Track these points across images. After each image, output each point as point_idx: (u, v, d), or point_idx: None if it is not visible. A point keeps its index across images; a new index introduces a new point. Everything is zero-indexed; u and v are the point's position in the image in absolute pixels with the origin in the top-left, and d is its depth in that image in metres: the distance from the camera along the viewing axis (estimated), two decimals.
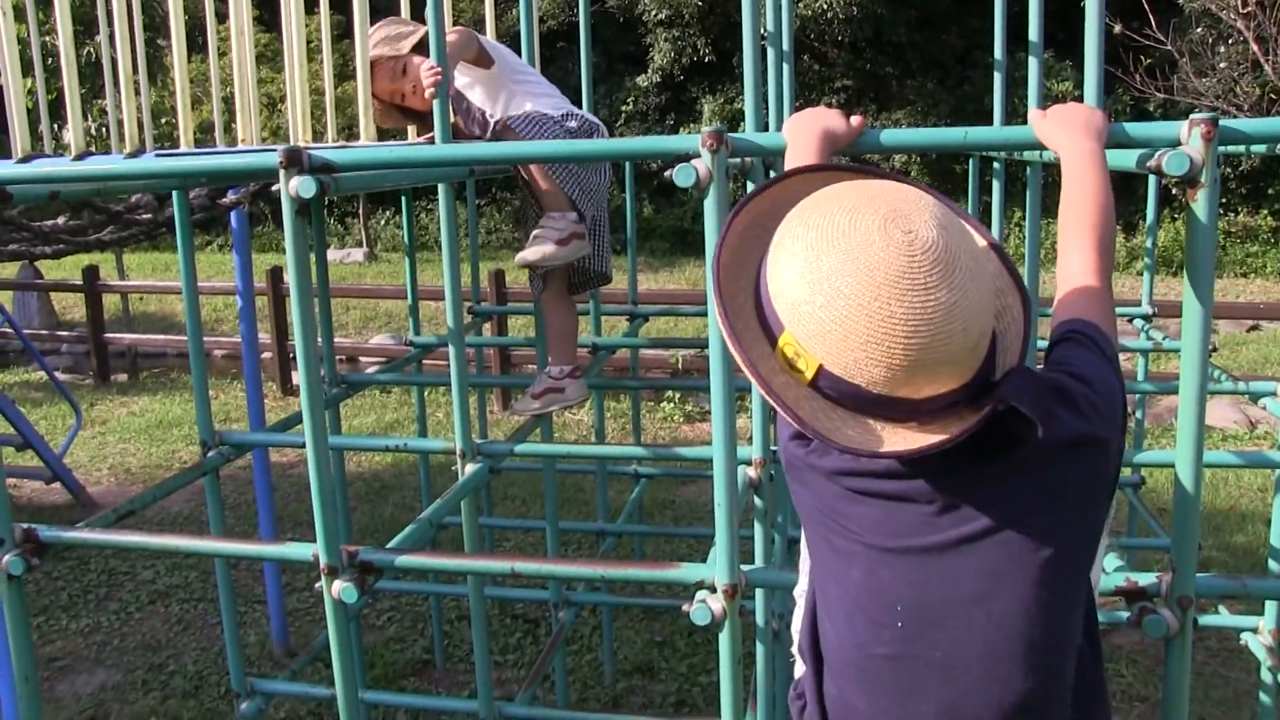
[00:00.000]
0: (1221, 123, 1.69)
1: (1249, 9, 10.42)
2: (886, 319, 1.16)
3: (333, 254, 18.94)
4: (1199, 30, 12.69)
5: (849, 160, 1.77)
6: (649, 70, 19.89)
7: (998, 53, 3.90)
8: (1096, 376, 1.37)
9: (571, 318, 3.41)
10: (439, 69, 2.51)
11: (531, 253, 2.99)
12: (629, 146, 1.98)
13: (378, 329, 12.52)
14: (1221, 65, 12.42)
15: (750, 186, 2.29)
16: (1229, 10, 10.82)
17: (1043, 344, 1.53)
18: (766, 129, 2.58)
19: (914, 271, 1.16)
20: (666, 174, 1.83)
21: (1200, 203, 1.70)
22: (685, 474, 5.89)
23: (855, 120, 1.76)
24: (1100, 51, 2.48)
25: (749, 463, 2.59)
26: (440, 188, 2.66)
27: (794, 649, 1.82)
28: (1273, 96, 10.78)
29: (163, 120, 10.09)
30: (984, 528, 1.29)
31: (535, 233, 3.03)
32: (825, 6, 18.10)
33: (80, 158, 2.86)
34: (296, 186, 1.94)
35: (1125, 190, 17.60)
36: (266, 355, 9.77)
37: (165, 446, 8.17)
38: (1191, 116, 1.71)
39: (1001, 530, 1.29)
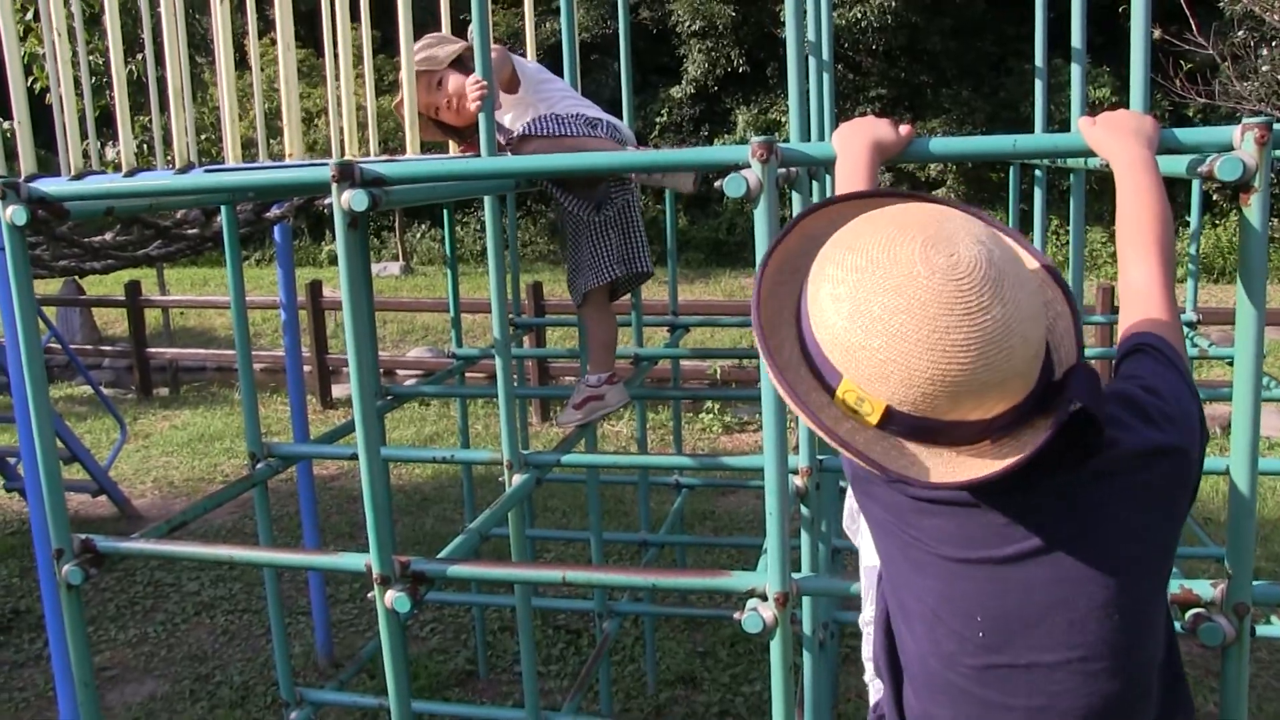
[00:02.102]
0: (1276, 126, 1.68)
1: None
2: (949, 349, 1.14)
3: (371, 267, 19.07)
4: (1241, 33, 12.57)
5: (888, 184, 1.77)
6: (683, 81, 19.95)
7: (1038, 59, 3.89)
8: (1166, 386, 1.36)
9: (611, 327, 3.43)
10: (484, 83, 2.53)
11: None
12: (678, 158, 1.99)
13: (415, 342, 12.59)
14: (1265, 68, 12.28)
15: (795, 197, 2.30)
16: (1273, 12, 10.71)
17: (1091, 351, 1.52)
18: (809, 138, 2.58)
19: (965, 294, 1.15)
20: (716, 184, 1.84)
21: (1253, 208, 1.68)
22: (726, 484, 5.89)
23: (904, 129, 1.77)
24: (1147, 58, 2.48)
25: (795, 472, 2.60)
26: (486, 201, 2.68)
27: (867, 676, 1.81)
28: None
29: (202, 136, 10.22)
30: (1057, 538, 1.28)
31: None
32: (860, 15, 18.09)
33: (131, 174, 2.91)
34: (349, 200, 1.96)
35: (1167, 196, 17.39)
36: (306, 369, 9.86)
37: (207, 460, 8.26)
38: (1244, 121, 1.69)
39: (1075, 539, 1.28)
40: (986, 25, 19.24)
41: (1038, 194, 3.98)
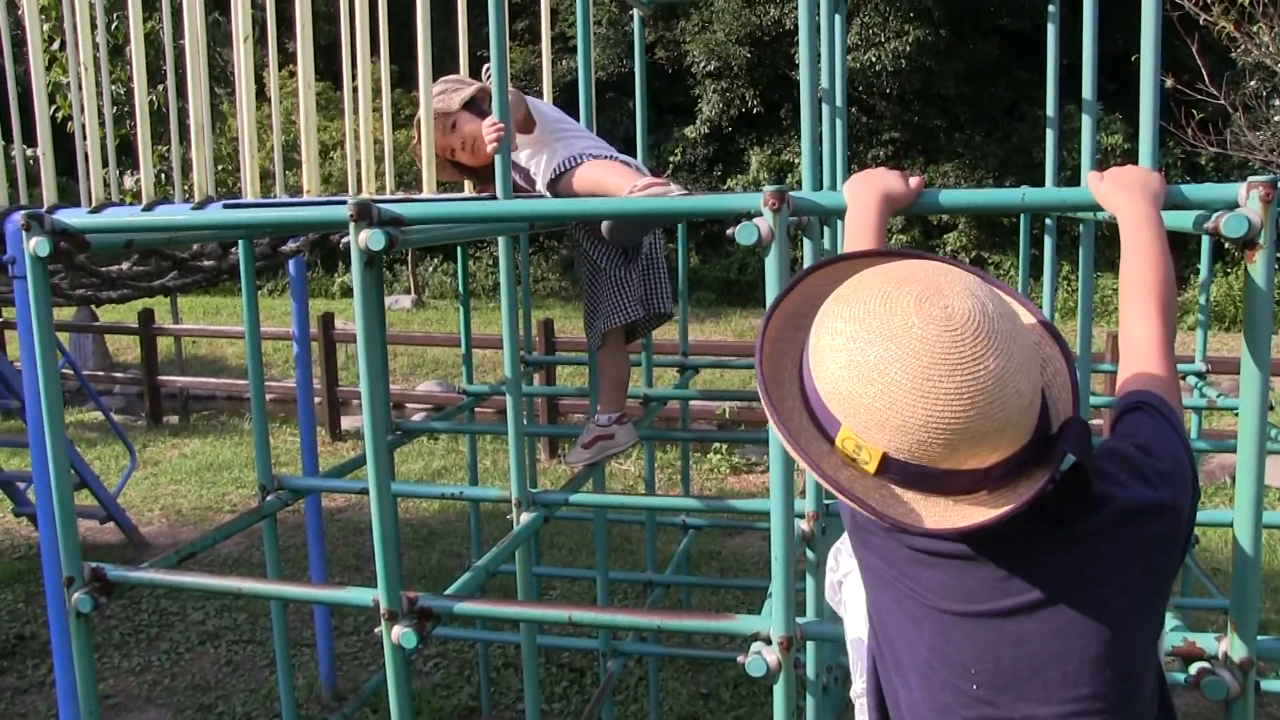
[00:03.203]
0: None
1: None
2: (941, 396, 1.18)
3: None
4: (1253, 84, 12.62)
5: (899, 245, 1.80)
6: (697, 121, 20.07)
7: (1049, 108, 3.92)
8: (1160, 445, 1.39)
9: (625, 367, 3.45)
10: (501, 125, 2.57)
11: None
12: (692, 205, 2.01)
13: (425, 375, 12.62)
14: (1276, 119, 12.32)
15: (807, 244, 2.32)
16: None
17: (1098, 400, 1.54)
18: (820, 185, 2.61)
19: (959, 345, 1.18)
20: (729, 231, 1.87)
21: (1258, 264, 1.70)
22: (732, 525, 5.89)
23: (914, 181, 1.80)
24: (1156, 111, 2.50)
25: (802, 516, 2.61)
26: (500, 241, 2.71)
27: (854, 694, 1.82)
28: None
29: (219, 167, 10.31)
30: (1053, 592, 1.30)
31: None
32: (874, 59, 18.22)
33: (150, 206, 2.95)
34: (366, 239, 1.99)
35: (1178, 245, 17.39)
36: (316, 400, 9.88)
37: (216, 489, 8.28)
38: (1250, 179, 1.72)
39: (1070, 593, 1.30)
40: (999, 71, 19.35)
41: (1048, 241, 4.01)
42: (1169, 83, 11.00)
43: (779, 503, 1.94)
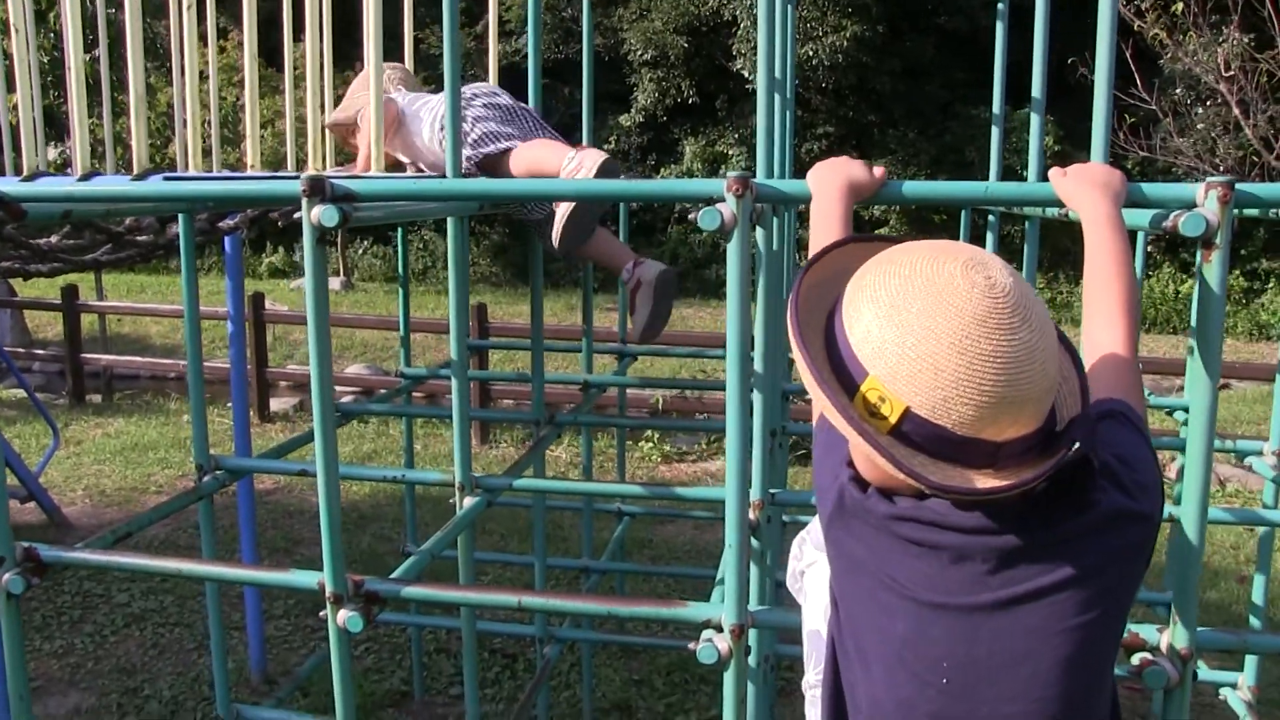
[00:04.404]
0: (1238, 186, 1.73)
1: (1231, 73, 10.63)
2: (977, 356, 1.20)
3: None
4: (1179, 90, 12.90)
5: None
6: (632, 110, 20.03)
7: (996, 106, 3.95)
8: (1137, 455, 1.41)
9: (601, 241, 3.48)
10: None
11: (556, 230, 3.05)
12: (654, 189, 1.99)
13: (354, 358, 12.48)
14: (1200, 126, 12.62)
15: (760, 233, 2.32)
16: (1211, 73, 11.02)
17: None
18: (773, 174, 2.58)
19: (998, 313, 1.22)
20: (691, 216, 1.86)
21: (1214, 264, 1.74)
22: (665, 513, 5.89)
23: (878, 171, 1.80)
24: (1109, 113, 2.51)
25: (748, 505, 2.61)
26: (450, 222, 2.68)
27: (807, 685, 1.83)
28: (1254, 159, 10.97)
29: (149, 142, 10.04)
30: (1033, 589, 1.32)
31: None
32: (812, 53, 18.30)
33: (86, 177, 2.87)
34: (319, 215, 1.95)
35: None
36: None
37: (141, 469, 8.11)
38: (1208, 179, 1.75)
39: (1049, 593, 1.32)
40: (935, 69, 19.54)
41: (990, 238, 4.03)
42: None
43: (734, 490, 1.94)
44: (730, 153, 20.02)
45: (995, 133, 3.96)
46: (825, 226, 1.70)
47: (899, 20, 18.92)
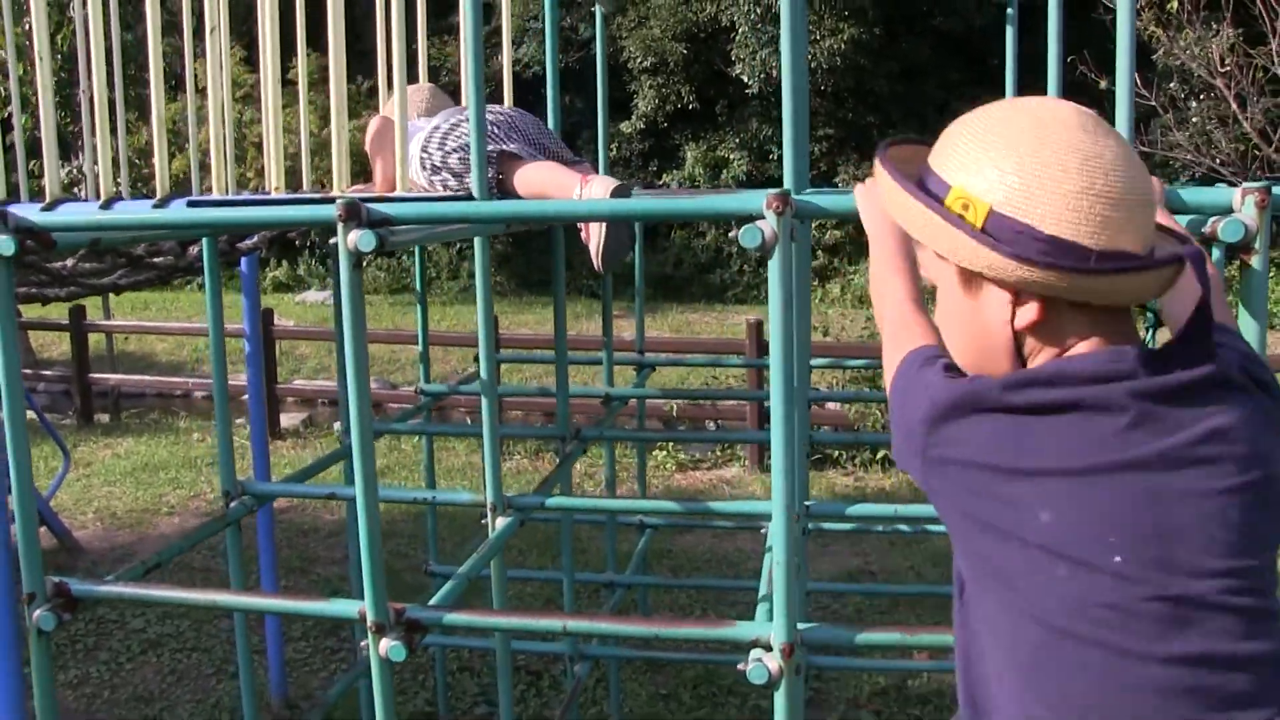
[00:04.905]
0: (1276, 190, 1.73)
1: (1227, 68, 10.62)
2: (1094, 158, 1.19)
3: (315, 294, 18.89)
4: (1173, 84, 12.90)
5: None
6: (633, 117, 20.03)
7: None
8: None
9: (541, 168, 2.96)
10: None
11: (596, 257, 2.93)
12: (689, 206, 1.96)
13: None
14: (1194, 120, 12.64)
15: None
16: (1205, 68, 11.02)
17: None
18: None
19: (1099, 126, 1.23)
20: (731, 234, 1.84)
21: (1254, 268, 1.74)
22: (686, 524, 5.87)
23: None
24: (1130, 111, 2.49)
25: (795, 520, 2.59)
26: (476, 242, 2.66)
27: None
28: (1255, 152, 10.96)
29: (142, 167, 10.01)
30: (1190, 438, 1.18)
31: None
32: (809, 57, 18.29)
33: (108, 203, 2.85)
34: (356, 240, 1.93)
35: None
36: (245, 398, 9.73)
37: (152, 490, 8.08)
38: (1244, 185, 1.76)
39: (1206, 442, 1.19)
40: (932, 70, 19.55)
41: None
42: (1103, 83, 11.22)
43: (780, 506, 1.91)
44: (731, 157, 20.01)
45: None
46: (885, 244, 1.59)
47: (895, 22, 18.92)
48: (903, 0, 18.33)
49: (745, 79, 18.93)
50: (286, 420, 10.22)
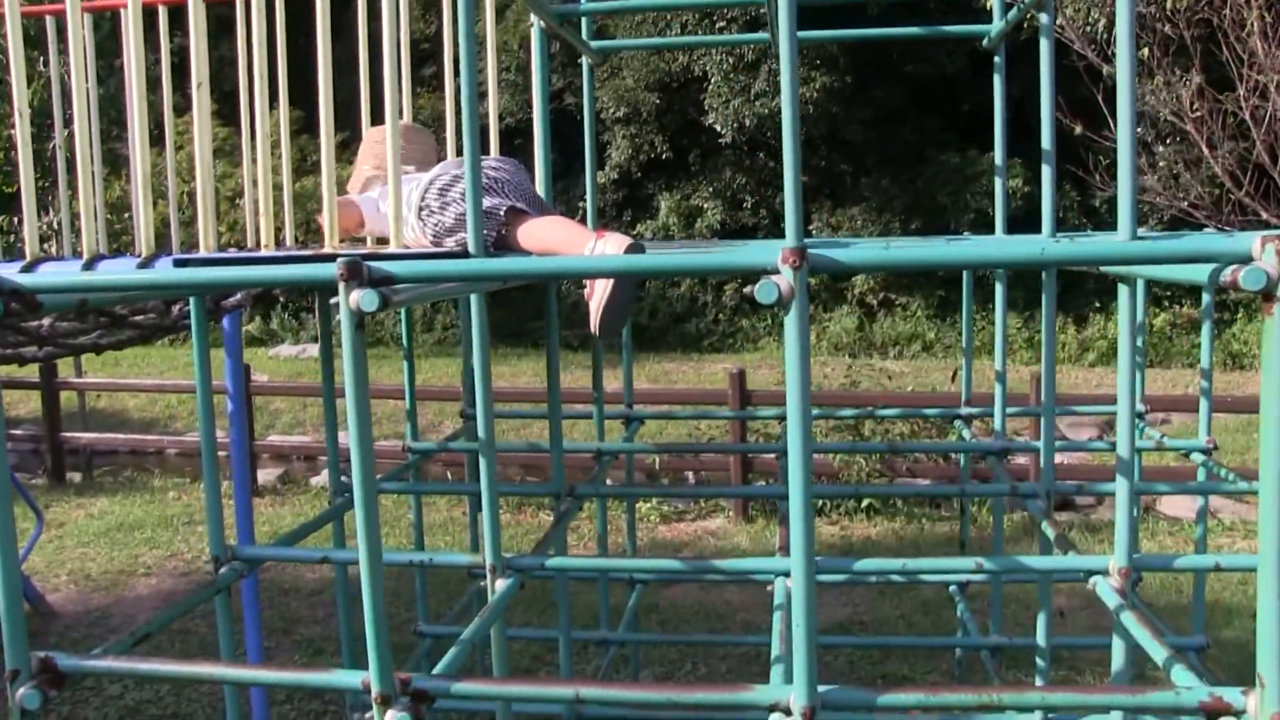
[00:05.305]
0: None
1: (1199, 113, 10.78)
2: None
3: (289, 349, 18.76)
4: (1140, 129, 13.09)
5: None
6: (606, 167, 20.12)
7: (998, 157, 3.91)
8: None
9: (555, 222, 2.91)
10: None
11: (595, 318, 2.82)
12: (700, 262, 1.93)
13: (342, 425, 12.33)
14: (1161, 164, 12.83)
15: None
16: (1174, 112, 11.20)
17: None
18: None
19: None
20: (746, 290, 1.80)
21: (1276, 317, 1.70)
22: (673, 578, 5.79)
23: None
24: (1132, 176, 2.47)
25: (787, 574, 2.54)
26: (473, 299, 2.61)
27: None
28: (1229, 196, 11.10)
29: (112, 218, 9.93)
30: None
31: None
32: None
33: (91, 263, 2.79)
34: (358, 300, 1.87)
35: (1073, 283, 17.94)
36: (223, 454, 9.60)
37: (127, 550, 7.93)
38: (1263, 234, 1.73)
39: None
40: (905, 116, 19.74)
41: (999, 291, 3.95)
42: (1077, 129, 11.36)
43: (801, 562, 1.86)
44: (705, 206, 20.11)
45: (999, 184, 3.92)
46: None
47: (866, 70, 19.11)
48: (874, 48, 18.53)
49: (718, 128, 19.06)
50: (263, 476, 10.11)
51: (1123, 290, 2.14)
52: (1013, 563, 2.55)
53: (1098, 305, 18.35)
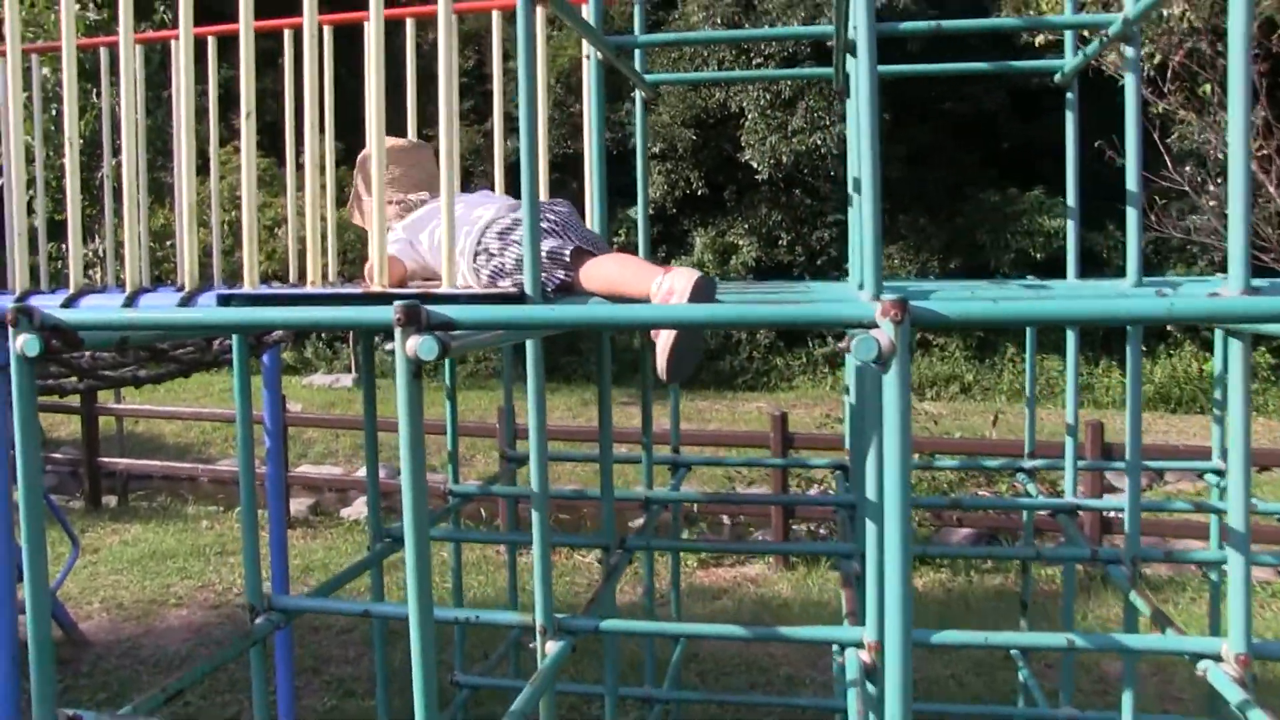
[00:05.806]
0: None
1: (1264, 152, 10.50)
2: None
3: (322, 378, 18.72)
4: (1188, 168, 12.88)
5: None
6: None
7: (1070, 199, 3.73)
8: None
9: (621, 260, 2.76)
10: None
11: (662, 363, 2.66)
12: (788, 314, 1.78)
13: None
14: (1212, 204, 12.60)
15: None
16: (1213, 149, 10.99)
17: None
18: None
19: None
20: (839, 346, 1.65)
21: None
22: (735, 638, 5.61)
23: None
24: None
25: (860, 645, 2.39)
26: (529, 345, 2.48)
27: None
28: None
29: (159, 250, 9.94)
30: None
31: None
32: (820, 142, 18.38)
33: (132, 298, 2.68)
34: (415, 347, 1.73)
35: (1089, 331, 17.67)
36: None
37: (159, 580, 7.82)
38: None
39: None
40: (941, 154, 19.59)
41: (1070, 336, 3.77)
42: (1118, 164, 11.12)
43: (898, 636, 1.70)
44: (740, 243, 20.02)
45: (1071, 225, 3.72)
46: None
47: (903, 108, 19.01)
48: (911, 84, 18.41)
49: (754, 165, 18.97)
50: (295, 506, 10.00)
51: (1234, 345, 1.96)
52: (1110, 642, 2.37)
53: (1144, 348, 18.02)
